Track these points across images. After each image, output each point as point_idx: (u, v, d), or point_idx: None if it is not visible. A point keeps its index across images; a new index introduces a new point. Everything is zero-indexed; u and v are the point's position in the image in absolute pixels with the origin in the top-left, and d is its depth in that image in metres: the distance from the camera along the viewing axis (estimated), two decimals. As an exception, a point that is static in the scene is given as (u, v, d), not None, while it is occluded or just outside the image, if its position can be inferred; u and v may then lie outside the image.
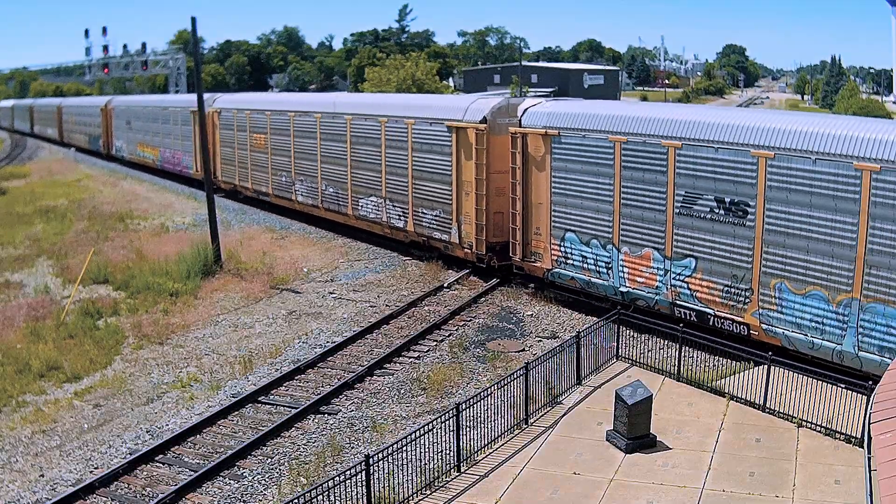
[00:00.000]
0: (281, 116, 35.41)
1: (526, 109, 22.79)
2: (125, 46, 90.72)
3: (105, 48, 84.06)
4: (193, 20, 28.23)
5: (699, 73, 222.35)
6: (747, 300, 17.58)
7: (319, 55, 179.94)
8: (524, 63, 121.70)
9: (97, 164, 61.70)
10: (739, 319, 17.77)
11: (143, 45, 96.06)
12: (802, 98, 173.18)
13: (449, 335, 20.47)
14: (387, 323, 21.51)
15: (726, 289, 17.97)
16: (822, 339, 16.21)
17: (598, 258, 20.82)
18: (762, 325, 17.33)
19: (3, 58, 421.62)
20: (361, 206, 30.02)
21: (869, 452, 9.72)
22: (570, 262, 21.69)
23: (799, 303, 16.60)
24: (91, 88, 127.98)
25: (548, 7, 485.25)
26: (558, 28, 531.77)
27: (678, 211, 18.71)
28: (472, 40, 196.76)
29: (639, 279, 19.83)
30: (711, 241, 18.15)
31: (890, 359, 14.68)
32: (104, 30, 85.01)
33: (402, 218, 27.85)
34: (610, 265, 20.49)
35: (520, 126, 22.62)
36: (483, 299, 23.20)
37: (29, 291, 25.86)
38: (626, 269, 20.10)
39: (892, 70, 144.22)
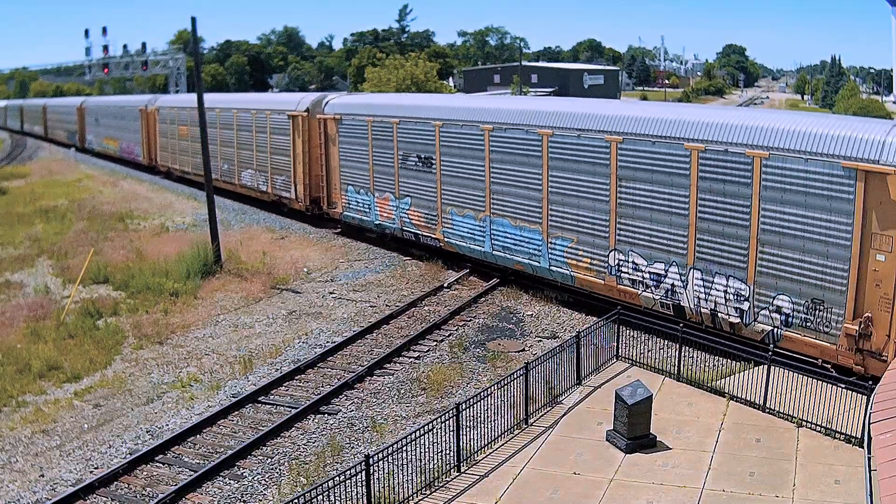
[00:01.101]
0: (194, 112, 37.75)
1: (328, 102, 32.18)
2: (125, 46, 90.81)
3: (105, 48, 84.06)
4: (193, 20, 28.23)
5: (699, 73, 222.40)
6: (436, 223, 26.20)
7: (319, 55, 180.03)
8: (524, 63, 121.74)
9: (97, 163, 61.85)
10: (434, 236, 26.47)
11: (143, 45, 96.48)
12: (802, 98, 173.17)
13: (449, 335, 20.47)
14: (387, 323, 21.52)
15: (427, 216, 26.68)
16: (474, 245, 24.74)
17: (364, 203, 29.88)
18: (445, 238, 25.99)
19: (3, 58, 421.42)
20: (243, 177, 40.08)
21: (869, 452, 9.73)
22: (351, 206, 30.79)
23: (460, 222, 25.13)
24: (91, 88, 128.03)
25: (548, 7, 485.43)
26: (558, 28, 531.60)
27: (400, 165, 27.53)
28: (472, 40, 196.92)
29: (384, 214, 28.90)
30: (417, 185, 26.87)
31: (509, 255, 23.43)
32: (104, 30, 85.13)
33: (265, 183, 37.60)
34: (370, 206, 29.57)
35: (323, 113, 31.83)
36: (483, 299, 23.21)
37: (29, 291, 25.87)
38: (378, 209, 29.17)
39: (892, 70, 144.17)
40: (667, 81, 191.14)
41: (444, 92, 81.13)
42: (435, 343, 19.99)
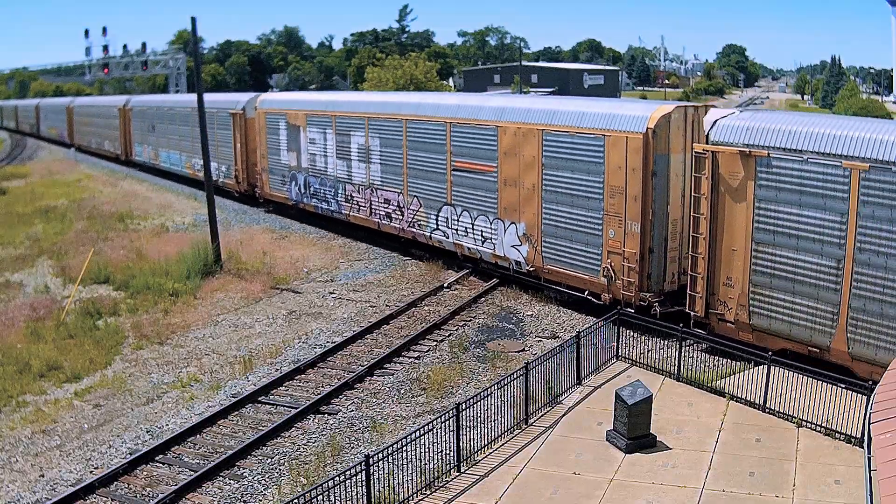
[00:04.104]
0: (91, 108, 64.90)
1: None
2: (125, 46, 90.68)
3: (105, 48, 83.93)
4: (193, 20, 28.22)
5: (699, 73, 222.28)
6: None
7: (319, 55, 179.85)
8: (524, 63, 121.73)
9: (98, 163, 61.79)
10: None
11: (143, 45, 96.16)
12: (802, 98, 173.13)
13: (449, 335, 20.47)
14: (387, 323, 21.52)
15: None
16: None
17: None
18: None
19: (3, 58, 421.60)
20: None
21: (869, 452, 9.72)
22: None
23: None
24: (91, 88, 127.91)
25: (548, 7, 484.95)
26: (558, 28, 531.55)
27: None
28: (472, 40, 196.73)
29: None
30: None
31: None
32: (104, 30, 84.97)
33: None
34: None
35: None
36: (483, 299, 23.20)
37: (29, 291, 25.87)
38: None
39: (892, 70, 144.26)
40: (667, 81, 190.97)
41: (445, 91, 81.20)
42: (435, 343, 19.99)
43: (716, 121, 17.78)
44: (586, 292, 21.16)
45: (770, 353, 14.98)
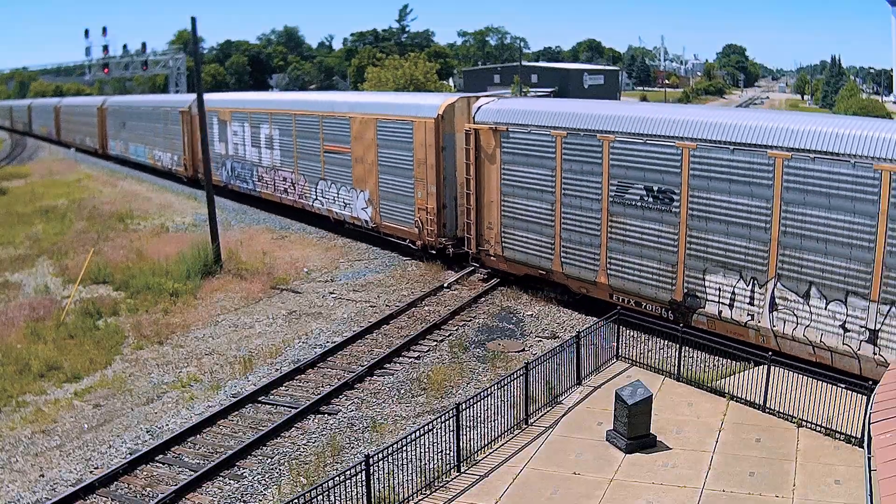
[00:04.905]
0: (75, 108, 73.52)
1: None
2: (125, 46, 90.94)
3: (105, 48, 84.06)
4: (193, 20, 28.21)
5: (699, 73, 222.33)
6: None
7: (319, 55, 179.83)
8: (524, 63, 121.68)
9: (98, 163, 61.83)
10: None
11: (143, 45, 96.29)
12: (802, 98, 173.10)
13: (449, 335, 20.47)
14: (387, 323, 21.52)
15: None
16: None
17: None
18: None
19: (3, 58, 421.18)
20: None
21: (869, 452, 9.74)
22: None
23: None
24: (91, 88, 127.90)
25: (548, 7, 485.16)
26: (558, 28, 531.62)
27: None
28: (472, 40, 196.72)
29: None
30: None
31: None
32: (104, 30, 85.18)
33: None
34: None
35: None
36: (483, 299, 23.20)
37: (29, 291, 25.87)
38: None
39: (892, 70, 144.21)
40: (667, 81, 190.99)
41: (445, 92, 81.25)
42: (435, 343, 19.99)
43: (479, 107, 23.75)
44: (407, 240, 27.69)
45: (770, 354, 14.98)
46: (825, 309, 15.69)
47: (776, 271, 16.43)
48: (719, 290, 17.62)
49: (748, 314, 17.12)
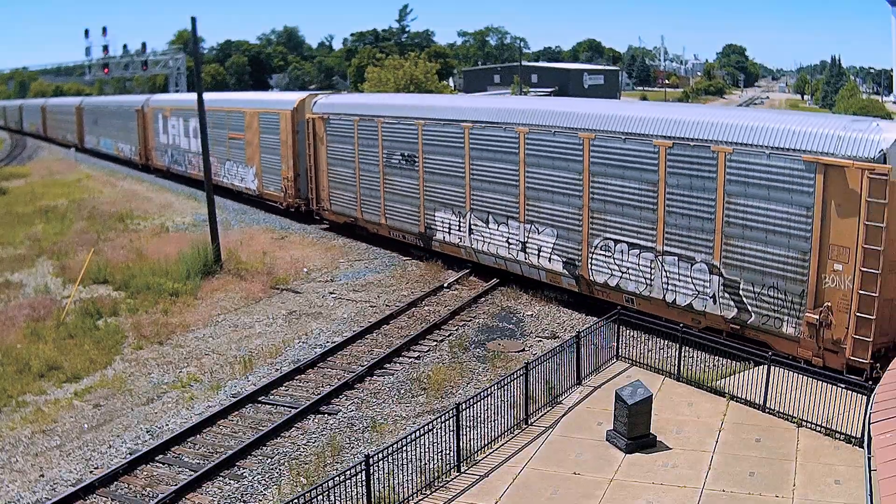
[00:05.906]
0: (58, 107, 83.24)
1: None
2: (125, 46, 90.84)
3: (105, 48, 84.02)
4: (193, 20, 28.22)
5: (699, 73, 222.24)
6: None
7: (319, 55, 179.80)
8: (524, 63, 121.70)
9: (98, 163, 61.91)
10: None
11: (143, 45, 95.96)
12: (802, 98, 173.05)
13: (449, 335, 20.47)
14: (387, 323, 21.52)
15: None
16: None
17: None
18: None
19: (3, 58, 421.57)
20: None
21: (869, 452, 9.74)
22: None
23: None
24: (91, 88, 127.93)
25: (548, 7, 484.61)
26: (558, 28, 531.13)
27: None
28: (472, 40, 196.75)
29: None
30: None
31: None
32: (104, 30, 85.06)
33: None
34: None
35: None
36: (483, 299, 23.21)
37: (29, 291, 25.86)
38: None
39: (892, 70, 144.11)
40: (667, 81, 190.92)
41: (444, 92, 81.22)
42: (435, 343, 19.99)
43: (315, 101, 32.63)
44: (278, 203, 36.35)
45: (770, 354, 14.97)
46: (497, 229, 23.45)
47: (470, 206, 24.45)
48: (443, 222, 25.69)
49: (458, 237, 24.98)
